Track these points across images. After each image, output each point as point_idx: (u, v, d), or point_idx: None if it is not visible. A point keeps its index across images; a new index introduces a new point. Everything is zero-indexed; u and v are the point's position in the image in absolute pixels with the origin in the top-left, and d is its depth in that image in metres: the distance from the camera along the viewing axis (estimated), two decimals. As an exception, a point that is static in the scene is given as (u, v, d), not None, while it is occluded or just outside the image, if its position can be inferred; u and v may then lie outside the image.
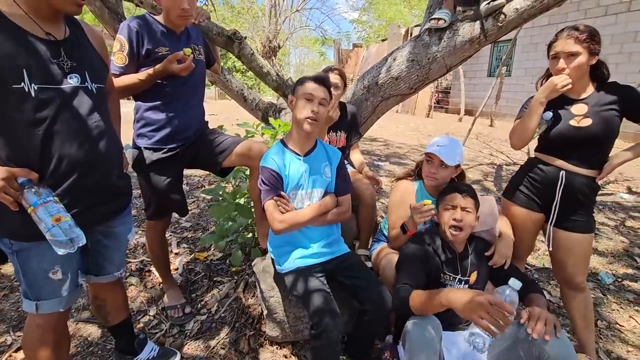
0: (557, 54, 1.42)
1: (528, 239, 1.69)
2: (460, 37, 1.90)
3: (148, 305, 1.95)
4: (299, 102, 1.43)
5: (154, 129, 1.58)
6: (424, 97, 11.27)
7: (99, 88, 1.09)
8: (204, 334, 1.75)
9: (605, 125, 1.40)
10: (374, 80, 2.20)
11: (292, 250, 1.52)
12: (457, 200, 1.39)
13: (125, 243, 1.33)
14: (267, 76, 2.40)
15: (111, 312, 1.39)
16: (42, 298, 1.07)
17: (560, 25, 7.49)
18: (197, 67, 1.63)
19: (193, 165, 1.74)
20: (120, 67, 1.48)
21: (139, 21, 1.51)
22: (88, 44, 1.11)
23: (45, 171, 0.99)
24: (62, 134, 0.98)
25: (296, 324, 1.63)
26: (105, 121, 1.11)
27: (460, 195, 1.40)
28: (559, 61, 1.41)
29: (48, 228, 0.94)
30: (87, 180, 1.06)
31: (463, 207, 1.38)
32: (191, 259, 2.42)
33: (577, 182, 1.47)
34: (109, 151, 1.13)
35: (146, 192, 1.73)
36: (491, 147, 6.57)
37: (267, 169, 1.46)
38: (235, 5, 14.67)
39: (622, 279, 2.37)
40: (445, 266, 1.41)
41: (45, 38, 0.96)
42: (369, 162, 5.34)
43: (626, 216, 3.41)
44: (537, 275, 2.40)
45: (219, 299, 1.98)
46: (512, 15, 1.75)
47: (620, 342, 1.81)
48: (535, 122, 1.48)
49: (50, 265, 1.05)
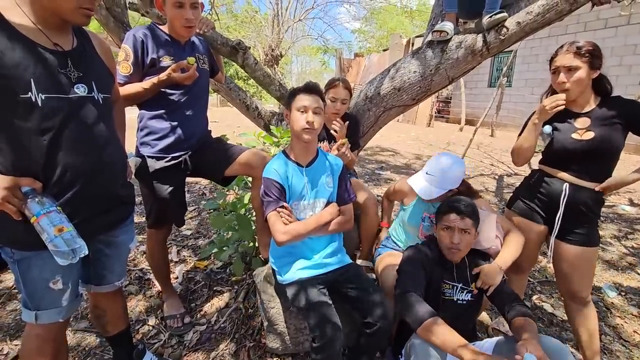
0: (557, 68, 1.44)
1: (531, 251, 1.68)
2: (462, 50, 1.91)
3: (147, 315, 1.93)
4: (293, 115, 1.44)
5: (157, 137, 1.58)
6: (425, 107, 11.33)
7: (105, 98, 1.10)
8: (204, 345, 1.73)
9: (608, 138, 1.40)
10: (377, 91, 2.21)
11: (294, 261, 1.51)
12: (455, 222, 1.35)
13: (127, 252, 1.33)
14: (270, 85, 2.42)
15: (110, 322, 1.37)
16: (41, 308, 1.06)
17: (560, 38, 7.49)
18: (201, 76, 1.64)
19: (196, 174, 1.75)
20: (126, 76, 1.50)
21: (144, 31, 1.53)
22: (95, 55, 1.12)
23: (49, 180, 0.98)
24: (67, 143, 0.99)
25: (297, 336, 1.61)
26: (110, 131, 1.12)
27: (458, 217, 1.35)
28: (559, 75, 1.42)
29: (50, 238, 0.93)
30: (91, 190, 1.06)
31: (461, 228, 1.35)
32: (191, 267, 2.40)
33: (580, 194, 1.47)
34: (114, 161, 1.13)
35: (148, 200, 1.73)
36: (492, 157, 6.58)
37: (269, 180, 1.46)
38: (239, 15, 14.86)
39: (625, 292, 2.34)
40: (445, 276, 1.40)
41: (53, 49, 0.97)
42: (371, 170, 5.35)
43: (629, 228, 3.39)
44: (539, 288, 2.38)
45: (218, 309, 1.96)
46: (514, 28, 1.77)
47: (625, 358, 1.78)
48: (533, 142, 1.51)
49: (51, 275, 1.04)
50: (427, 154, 6.79)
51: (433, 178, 1.56)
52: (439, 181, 1.55)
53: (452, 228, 1.36)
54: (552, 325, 2.01)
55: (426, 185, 1.56)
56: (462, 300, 1.40)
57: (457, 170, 1.57)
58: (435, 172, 1.56)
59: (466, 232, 1.35)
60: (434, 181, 1.55)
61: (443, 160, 1.59)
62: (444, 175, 1.55)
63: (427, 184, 1.57)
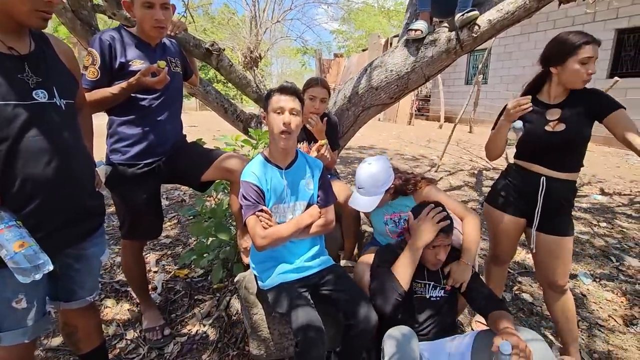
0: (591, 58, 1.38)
1: (510, 244, 1.72)
2: (437, 48, 1.94)
3: (125, 329, 1.85)
4: (270, 117, 1.41)
5: (128, 144, 1.52)
6: (405, 105, 11.51)
7: (69, 104, 1.05)
8: (185, 357, 1.67)
9: (579, 129, 1.44)
10: (355, 91, 2.21)
11: (275, 265, 1.48)
12: (442, 241, 1.35)
13: (99, 265, 1.27)
14: (246, 87, 2.38)
15: (83, 339, 1.30)
16: (4, 329, 0.99)
17: (531, 35, 7.77)
18: (174, 79, 1.59)
19: (171, 180, 1.69)
20: (92, 81, 1.43)
21: (112, 34, 1.47)
22: (56, 58, 1.07)
23: (7, 193, 0.93)
24: (27, 153, 0.93)
25: (281, 341, 1.58)
26: (75, 138, 1.06)
27: (445, 236, 1.35)
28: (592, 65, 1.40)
29: (10, 255, 0.87)
30: (55, 202, 1.00)
31: (446, 245, 1.37)
32: (171, 276, 2.33)
33: (557, 186, 1.50)
34: (79, 170, 1.08)
35: (121, 210, 1.66)
36: (471, 153, 6.73)
37: (248, 183, 1.43)
38: (216, 17, 14.65)
39: (599, 278, 2.43)
40: (416, 275, 1.39)
41: (8, 53, 0.92)
42: (353, 170, 5.37)
43: (600, 217, 3.53)
44: (519, 279, 2.43)
45: (200, 319, 1.91)
46: (485, 26, 1.81)
47: (602, 342, 1.85)
48: (503, 139, 1.55)
49: (14, 295, 0.98)
50: (409, 151, 6.88)
51: (364, 190, 1.57)
52: (371, 189, 1.56)
53: (439, 247, 1.36)
54: (533, 314, 2.06)
55: (364, 200, 1.58)
56: (435, 297, 1.41)
57: (380, 172, 1.56)
58: (363, 184, 1.57)
59: (447, 246, 1.38)
60: (367, 192, 1.57)
61: (363, 170, 1.58)
62: (372, 182, 1.56)
63: (364, 198, 1.58)
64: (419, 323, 1.39)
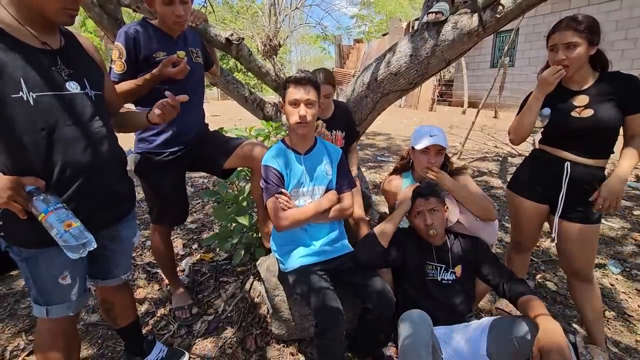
0: (555, 45, 1.41)
1: (532, 231, 1.68)
2: (458, 30, 1.88)
3: (156, 307, 1.98)
4: (286, 108, 1.44)
5: (154, 133, 1.59)
6: (426, 91, 11.18)
7: (98, 95, 1.11)
8: (212, 334, 1.77)
9: (607, 115, 1.38)
10: (373, 77, 2.19)
11: (295, 248, 1.53)
12: (421, 205, 1.44)
13: (131, 246, 1.36)
14: (266, 76, 2.41)
15: (119, 314, 1.41)
16: (51, 303, 1.09)
17: (564, 13, 7.31)
18: (195, 69, 1.64)
19: (194, 168, 1.76)
20: (120, 74, 1.50)
21: (136, 27, 1.53)
22: (84, 52, 1.13)
23: (50, 178, 1.00)
24: (65, 140, 1.00)
25: (302, 322, 1.64)
26: (106, 127, 1.13)
27: (423, 199, 1.44)
28: (558, 53, 1.40)
29: (60, 234, 0.95)
30: (91, 186, 1.08)
31: (430, 209, 1.42)
32: (197, 260, 2.44)
33: (582, 172, 1.46)
34: (111, 156, 1.15)
35: (149, 197, 1.75)
36: (496, 139, 6.51)
37: (268, 167, 1.48)
38: (235, 5, 14.63)
39: (630, 268, 2.34)
40: (427, 258, 1.46)
41: (42, 47, 0.98)
42: (372, 156, 5.34)
43: (633, 204, 3.37)
44: (543, 267, 2.38)
45: (225, 299, 2.01)
46: (510, 5, 1.73)
47: (629, 332, 1.80)
48: (532, 119, 1.49)
49: (59, 271, 1.07)
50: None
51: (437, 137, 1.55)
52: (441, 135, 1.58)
53: (421, 212, 1.43)
54: (556, 303, 2.03)
55: (441, 140, 1.56)
56: (447, 280, 1.44)
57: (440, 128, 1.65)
58: (436, 132, 1.58)
59: (435, 210, 1.42)
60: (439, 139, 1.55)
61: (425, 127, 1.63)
62: (438, 129, 1.61)
63: (441, 139, 1.57)
64: (433, 305, 1.41)
